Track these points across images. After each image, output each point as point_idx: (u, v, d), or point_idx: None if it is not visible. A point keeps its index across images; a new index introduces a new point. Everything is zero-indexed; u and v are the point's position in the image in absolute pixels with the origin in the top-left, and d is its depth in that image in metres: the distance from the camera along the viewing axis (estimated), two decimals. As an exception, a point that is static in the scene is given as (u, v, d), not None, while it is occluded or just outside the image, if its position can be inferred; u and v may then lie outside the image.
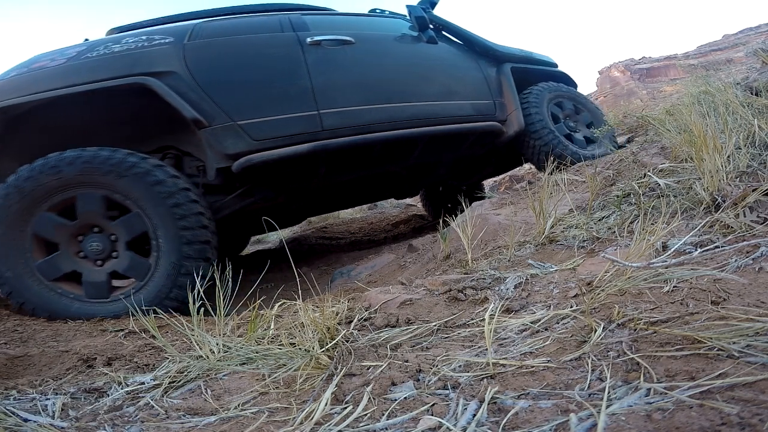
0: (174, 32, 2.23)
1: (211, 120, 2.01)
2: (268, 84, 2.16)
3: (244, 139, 2.03)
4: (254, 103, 2.10)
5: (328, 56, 2.32)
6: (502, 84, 2.86)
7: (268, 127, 2.08)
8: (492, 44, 2.94)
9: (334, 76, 2.30)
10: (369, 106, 2.31)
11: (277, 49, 2.27)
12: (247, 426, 0.67)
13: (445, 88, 2.61)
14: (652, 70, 42.85)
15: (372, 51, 2.50)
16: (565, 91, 3.16)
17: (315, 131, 2.15)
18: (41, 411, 0.78)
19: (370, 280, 2.05)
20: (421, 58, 2.66)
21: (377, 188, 3.25)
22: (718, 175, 1.24)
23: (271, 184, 2.38)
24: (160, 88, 1.95)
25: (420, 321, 0.99)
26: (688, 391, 0.53)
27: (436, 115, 2.50)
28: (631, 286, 0.88)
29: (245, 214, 2.72)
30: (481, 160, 3.35)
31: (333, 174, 2.55)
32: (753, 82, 2.42)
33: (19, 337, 1.41)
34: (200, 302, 1.09)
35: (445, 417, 0.59)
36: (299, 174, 2.41)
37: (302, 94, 2.18)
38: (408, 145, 2.51)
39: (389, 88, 2.43)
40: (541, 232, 1.48)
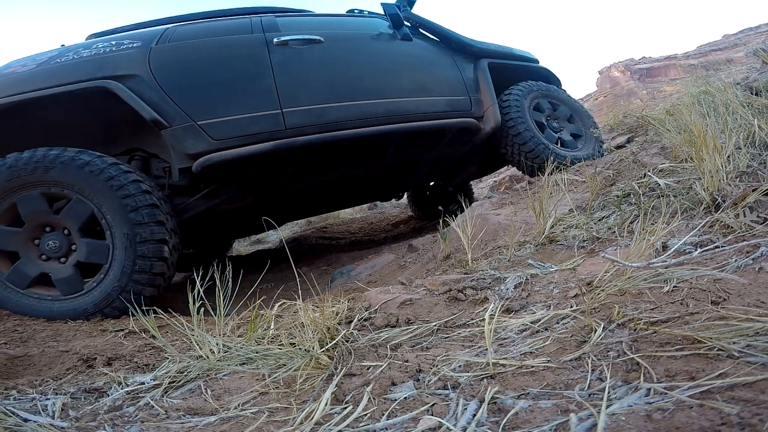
0: (143, 37, 2.29)
1: (171, 121, 2.05)
2: (231, 84, 2.18)
3: (204, 139, 2.06)
4: (215, 103, 2.13)
5: (295, 56, 2.34)
6: (478, 80, 2.84)
7: (229, 126, 2.10)
8: (469, 40, 2.92)
9: (299, 75, 2.30)
10: (336, 103, 2.30)
11: (242, 50, 2.30)
12: (247, 426, 0.67)
13: (418, 85, 2.59)
14: (652, 70, 42.85)
15: (342, 49, 2.50)
16: (546, 91, 3.11)
17: (277, 130, 2.16)
18: (41, 411, 0.78)
19: (370, 280, 2.06)
20: (393, 56, 2.66)
21: (359, 189, 3.23)
22: (718, 175, 1.24)
23: (236, 185, 2.39)
24: (121, 91, 2.00)
25: (420, 321, 0.99)
26: (688, 391, 0.53)
27: (408, 112, 2.48)
28: (631, 286, 0.88)
29: (221, 217, 2.74)
30: (464, 159, 3.33)
31: (304, 174, 2.55)
32: (753, 82, 2.42)
33: (19, 337, 1.41)
34: (200, 302, 1.09)
35: (445, 417, 0.59)
36: (265, 174, 2.41)
37: (265, 94, 2.19)
38: (380, 143, 2.50)
39: (358, 86, 2.42)
40: (541, 232, 1.48)
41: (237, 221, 3.06)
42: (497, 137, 2.89)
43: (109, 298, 1.73)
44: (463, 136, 2.80)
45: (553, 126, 3.05)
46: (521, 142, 2.77)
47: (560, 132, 3.05)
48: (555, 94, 3.16)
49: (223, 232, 3.43)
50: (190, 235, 3.05)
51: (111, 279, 1.75)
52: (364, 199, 3.71)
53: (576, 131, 3.08)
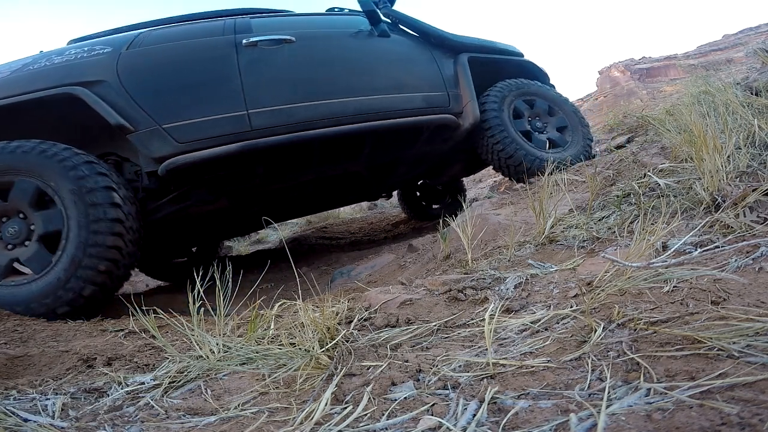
0: (115, 42, 2.31)
1: (137, 125, 2.07)
2: (197, 87, 2.19)
3: (169, 142, 2.08)
4: (181, 106, 2.14)
5: (264, 56, 2.33)
6: (457, 75, 2.77)
7: (194, 129, 2.11)
8: (448, 34, 2.87)
9: (267, 76, 2.29)
10: (305, 103, 2.28)
11: (210, 53, 2.30)
12: (247, 426, 0.67)
13: (393, 82, 2.55)
14: (652, 70, 42.84)
15: (313, 48, 2.48)
16: (527, 89, 3.00)
17: (243, 131, 2.16)
18: (41, 411, 0.78)
19: (370, 280, 2.05)
20: (367, 53, 2.62)
21: (342, 190, 3.21)
22: (718, 175, 1.24)
23: (206, 187, 2.39)
24: (87, 97, 2.03)
25: (420, 321, 0.99)
26: (688, 391, 0.53)
27: (381, 110, 2.45)
28: (631, 286, 0.88)
29: (199, 219, 2.74)
30: (448, 157, 3.28)
31: (276, 175, 2.54)
32: (753, 82, 2.42)
33: (19, 337, 1.41)
34: (200, 302, 1.09)
35: (445, 417, 0.59)
36: (235, 175, 2.40)
37: (231, 95, 2.19)
38: (353, 142, 2.48)
39: (329, 85, 2.39)
40: (541, 232, 1.48)
41: (217, 223, 3.05)
42: (475, 139, 2.83)
43: (75, 260, 1.76)
44: (442, 133, 2.76)
45: (537, 126, 2.95)
46: (500, 148, 2.70)
47: (543, 132, 2.94)
48: (538, 92, 3.04)
49: (205, 235, 3.41)
50: (172, 238, 3.05)
51: (72, 242, 1.77)
52: (348, 200, 3.67)
53: (560, 128, 2.96)
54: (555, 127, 2.97)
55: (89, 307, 1.83)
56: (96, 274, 1.79)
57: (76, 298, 1.76)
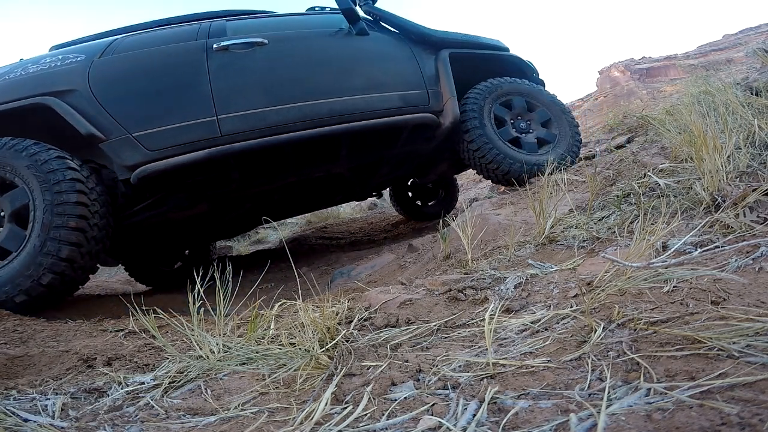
0: (89, 50, 2.32)
1: (108, 134, 2.08)
2: (167, 94, 2.19)
3: (139, 150, 2.09)
4: (150, 114, 2.14)
5: (235, 61, 2.31)
6: (438, 72, 2.71)
7: (164, 136, 2.11)
8: (428, 30, 2.80)
9: (238, 80, 2.27)
10: (276, 107, 2.27)
11: (180, 58, 2.29)
12: (247, 426, 0.67)
13: (370, 81, 2.51)
14: (652, 70, 42.84)
15: (286, 50, 2.45)
16: (511, 88, 2.89)
17: (213, 137, 2.15)
18: (41, 411, 0.78)
19: (370, 280, 2.05)
20: (343, 53, 2.58)
21: (327, 191, 3.18)
22: (718, 175, 1.24)
23: (182, 193, 2.39)
24: (58, 107, 2.05)
25: (420, 321, 0.99)
26: (688, 391, 0.53)
27: (357, 110, 2.41)
28: (631, 286, 0.88)
29: (181, 224, 2.74)
30: (434, 156, 3.23)
31: (254, 179, 2.52)
32: (753, 82, 2.42)
33: (19, 337, 1.41)
34: (200, 302, 1.09)
35: (445, 417, 0.59)
36: (210, 181, 2.40)
37: (200, 101, 2.18)
38: (328, 144, 2.45)
39: (302, 87, 2.36)
40: (541, 232, 1.48)
41: (203, 226, 3.04)
42: (456, 142, 2.76)
43: (36, 246, 1.78)
44: (423, 132, 2.71)
45: (521, 127, 2.85)
46: (481, 155, 2.64)
47: (528, 133, 2.84)
48: (522, 90, 2.92)
49: (192, 237, 3.38)
50: (159, 242, 3.06)
51: (37, 225, 1.81)
52: (335, 200, 3.64)
53: (546, 135, 2.85)
54: (539, 125, 2.86)
55: (47, 299, 1.83)
56: (56, 261, 1.79)
57: (33, 286, 1.76)
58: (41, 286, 1.77)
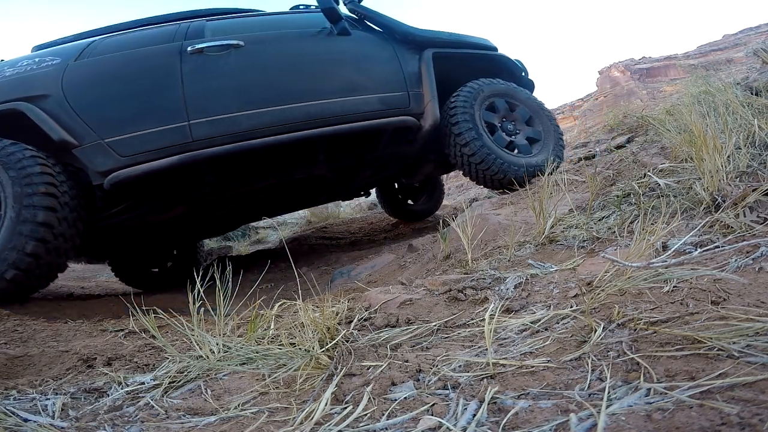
0: (65, 53, 2.29)
1: (81, 140, 2.06)
2: (138, 99, 2.16)
3: (112, 156, 2.07)
4: (122, 119, 2.12)
5: (209, 64, 2.27)
6: (421, 72, 2.63)
7: (135, 142, 2.10)
8: (412, 29, 2.73)
9: (210, 84, 2.23)
10: (249, 111, 2.22)
11: (153, 62, 2.26)
12: (247, 426, 0.67)
13: (348, 84, 2.45)
14: (652, 70, 42.85)
15: (262, 53, 2.39)
16: (498, 89, 2.82)
17: (184, 143, 2.13)
18: (41, 411, 0.78)
19: (370, 280, 2.05)
20: (322, 54, 2.51)
21: (311, 192, 3.16)
22: (718, 175, 1.24)
23: (157, 197, 2.38)
24: (31, 113, 2.03)
25: (420, 321, 0.99)
26: (688, 391, 0.53)
27: (334, 114, 2.35)
28: (631, 286, 0.88)
29: (162, 226, 2.73)
30: (419, 158, 3.19)
31: (230, 182, 2.50)
32: (753, 82, 2.42)
33: (19, 337, 1.41)
34: (200, 302, 1.09)
35: (445, 417, 0.59)
36: (184, 185, 2.38)
37: (172, 106, 2.16)
38: (304, 148, 2.41)
39: (276, 90, 2.31)
40: (541, 232, 1.48)
41: (185, 227, 3.03)
42: (445, 144, 2.68)
43: (3, 241, 1.79)
44: (405, 135, 2.66)
45: (508, 128, 2.79)
46: (470, 153, 2.56)
47: (515, 135, 2.80)
48: (510, 92, 2.86)
49: (174, 238, 3.37)
50: (142, 243, 3.05)
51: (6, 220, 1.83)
52: (318, 200, 3.61)
53: (533, 133, 2.83)
54: (524, 124, 2.83)
55: (12, 295, 1.83)
56: (21, 256, 1.79)
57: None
58: (5, 281, 1.77)
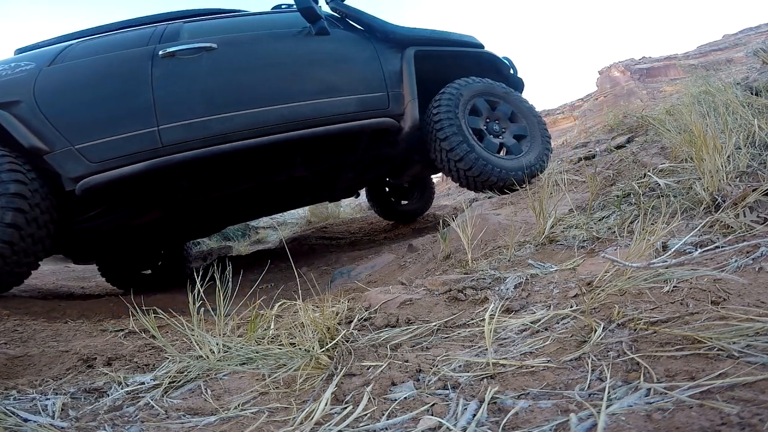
0: (40, 57, 2.27)
1: (52, 146, 2.06)
2: (108, 104, 2.15)
3: (82, 163, 2.06)
4: (92, 125, 2.10)
5: (180, 67, 2.24)
6: (402, 72, 2.56)
7: (105, 148, 2.09)
8: (394, 27, 2.66)
9: (180, 88, 2.21)
10: (220, 115, 2.20)
11: (125, 67, 2.24)
12: (247, 426, 0.67)
13: (324, 85, 2.40)
14: (652, 70, 42.86)
15: (235, 55, 2.35)
16: (485, 88, 2.74)
17: (154, 148, 2.12)
18: (41, 411, 0.78)
19: (370, 280, 2.05)
20: (297, 56, 2.46)
21: (294, 193, 3.13)
22: (718, 175, 1.24)
23: (131, 201, 2.38)
24: (3, 119, 2.03)
25: (420, 321, 0.99)
26: (688, 391, 0.53)
27: (308, 117, 2.31)
28: (631, 286, 0.88)
29: (141, 229, 2.73)
30: (404, 158, 3.15)
31: (206, 186, 2.48)
32: (753, 82, 2.42)
33: (19, 337, 1.41)
34: (200, 302, 1.09)
35: (445, 417, 0.59)
36: (158, 190, 2.37)
37: (142, 111, 2.14)
38: (280, 151, 2.38)
39: (248, 94, 2.28)
40: (541, 232, 1.48)
41: (168, 229, 3.02)
42: (429, 145, 2.60)
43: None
44: (385, 137, 2.60)
45: (494, 129, 2.71)
46: (456, 158, 2.47)
47: (501, 137, 2.71)
48: (496, 92, 2.77)
49: (158, 240, 3.36)
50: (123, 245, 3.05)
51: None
52: (303, 202, 3.57)
53: (520, 132, 2.75)
54: (508, 121, 2.76)
55: None
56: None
57: None
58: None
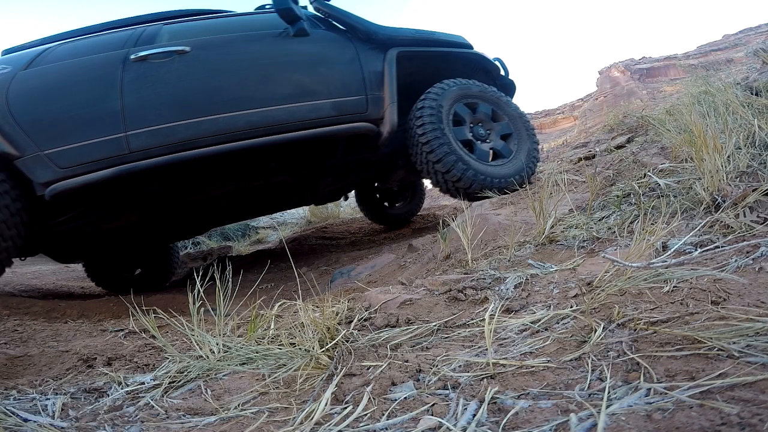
0: (17, 60, 2.27)
1: (22, 151, 2.06)
2: (78, 110, 2.13)
3: (51, 168, 2.06)
4: (61, 131, 2.09)
5: (150, 72, 2.21)
6: (384, 74, 2.47)
7: (74, 154, 2.08)
8: (376, 27, 2.57)
9: (149, 94, 2.18)
10: (187, 120, 2.16)
11: (97, 71, 2.21)
12: (247, 426, 0.67)
13: (298, 89, 2.33)
14: (652, 70, 42.86)
15: (207, 59, 2.30)
16: (469, 90, 2.62)
17: (121, 154, 2.09)
18: (41, 411, 0.78)
19: (370, 280, 2.05)
20: (272, 58, 2.39)
21: (275, 197, 3.10)
22: (718, 175, 1.24)
23: (102, 206, 2.38)
24: None
25: (420, 321, 0.99)
26: (688, 391, 0.53)
27: (278, 122, 2.25)
28: (631, 286, 0.88)
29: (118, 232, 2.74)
30: (389, 162, 3.08)
31: (176, 191, 2.47)
32: (753, 82, 2.42)
33: (19, 337, 1.41)
34: (200, 302, 1.09)
35: (445, 417, 0.59)
36: (128, 195, 2.36)
37: (110, 117, 2.11)
38: (252, 156, 2.33)
39: (217, 98, 2.23)
40: (541, 232, 1.48)
41: (148, 231, 3.01)
42: (411, 150, 2.51)
43: None
44: (365, 142, 2.51)
45: (480, 133, 2.59)
46: (435, 159, 2.37)
47: (489, 140, 2.60)
48: (483, 94, 2.66)
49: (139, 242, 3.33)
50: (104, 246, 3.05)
51: None
52: (289, 205, 3.53)
53: (506, 132, 2.65)
54: (500, 137, 2.66)
55: None
56: None
57: None
58: None
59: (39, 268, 4.50)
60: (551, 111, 51.17)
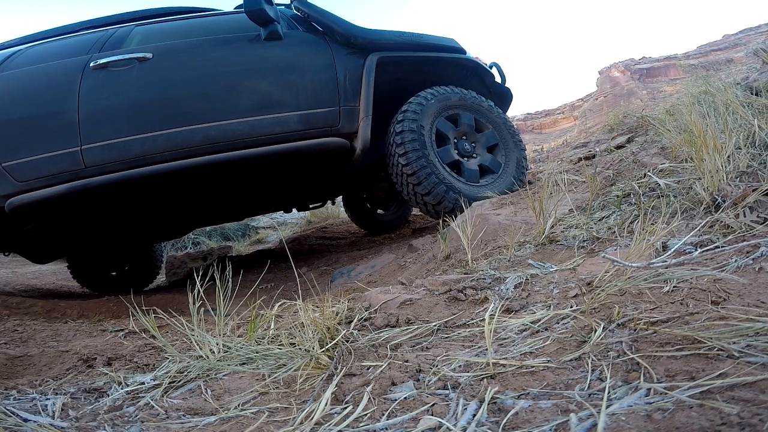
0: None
1: None
2: (36, 121, 2.05)
3: (9, 181, 2.01)
4: (18, 142, 2.02)
5: (109, 81, 2.09)
6: (361, 83, 2.26)
7: (30, 167, 2.01)
8: (358, 30, 2.36)
9: (107, 104, 2.06)
10: (142, 135, 2.05)
11: (56, 79, 2.10)
12: (247, 426, 0.67)
13: (263, 100, 2.16)
14: (652, 70, 42.88)
15: (168, 66, 2.16)
16: (455, 100, 2.44)
17: (77, 169, 2.01)
18: (41, 411, 0.78)
19: (370, 280, 2.05)
20: (239, 65, 2.22)
21: (254, 203, 3.04)
22: (718, 175, 1.24)
23: (64, 218, 2.35)
24: None
25: (420, 321, 0.99)
26: (688, 391, 0.53)
27: (238, 137, 2.10)
28: (631, 286, 0.88)
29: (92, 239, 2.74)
30: (370, 174, 2.97)
31: (139, 204, 2.42)
32: (753, 82, 2.42)
33: (19, 337, 1.41)
34: (200, 302, 1.09)
35: (445, 417, 0.59)
36: (89, 208, 2.31)
37: (66, 129, 2.01)
38: (213, 171, 2.22)
39: (176, 110, 2.10)
40: (541, 232, 1.48)
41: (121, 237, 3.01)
42: (394, 178, 2.33)
43: None
44: (339, 156, 2.34)
45: (465, 149, 2.41)
46: (424, 192, 2.22)
47: (475, 154, 2.44)
48: (463, 102, 2.47)
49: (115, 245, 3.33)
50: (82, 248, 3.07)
51: None
52: (270, 209, 3.44)
53: (492, 142, 2.49)
54: (486, 150, 2.50)
55: None
56: None
57: None
58: None
59: (39, 268, 4.50)
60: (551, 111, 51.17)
